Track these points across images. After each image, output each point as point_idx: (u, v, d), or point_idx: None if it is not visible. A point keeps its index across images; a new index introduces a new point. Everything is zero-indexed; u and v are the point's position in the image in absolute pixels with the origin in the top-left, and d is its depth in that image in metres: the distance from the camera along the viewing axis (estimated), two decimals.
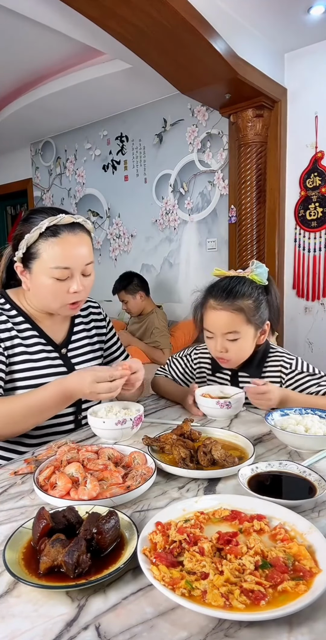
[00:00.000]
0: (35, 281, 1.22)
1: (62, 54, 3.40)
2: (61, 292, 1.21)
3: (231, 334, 1.36)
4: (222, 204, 3.85)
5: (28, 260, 1.21)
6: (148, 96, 4.04)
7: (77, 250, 1.20)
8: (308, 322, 3.54)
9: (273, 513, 0.78)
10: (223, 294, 1.37)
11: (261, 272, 1.43)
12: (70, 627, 0.58)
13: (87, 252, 1.23)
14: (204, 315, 1.43)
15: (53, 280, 1.19)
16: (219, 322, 1.37)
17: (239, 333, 1.36)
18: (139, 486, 0.88)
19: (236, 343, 1.37)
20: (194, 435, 1.12)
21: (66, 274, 1.19)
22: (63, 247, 1.18)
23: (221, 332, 1.37)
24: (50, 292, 1.21)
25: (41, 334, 1.31)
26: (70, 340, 1.38)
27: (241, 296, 1.36)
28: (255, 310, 1.37)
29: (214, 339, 1.40)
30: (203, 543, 0.69)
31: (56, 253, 1.18)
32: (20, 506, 0.88)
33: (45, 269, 1.19)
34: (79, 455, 1.01)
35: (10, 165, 5.62)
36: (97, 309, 1.51)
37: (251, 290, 1.38)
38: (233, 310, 1.35)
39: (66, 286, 1.21)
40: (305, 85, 3.34)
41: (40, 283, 1.21)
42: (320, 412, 1.19)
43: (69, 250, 1.19)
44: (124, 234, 4.61)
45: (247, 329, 1.37)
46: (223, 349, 1.38)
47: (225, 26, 2.70)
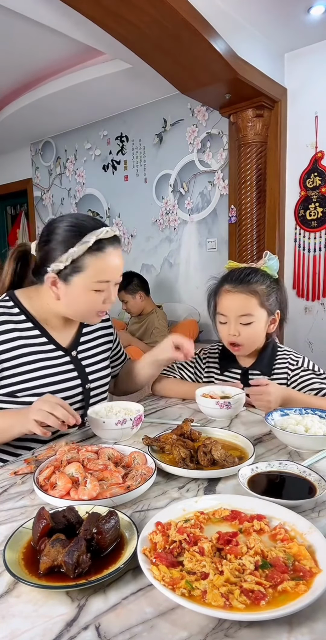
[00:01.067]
0: (74, 292, 1.22)
1: (62, 54, 3.40)
2: (97, 303, 1.24)
3: (244, 316, 1.41)
4: (222, 204, 3.85)
5: (69, 273, 1.20)
6: (148, 96, 4.04)
7: (118, 263, 1.24)
8: (308, 322, 3.54)
9: (273, 513, 0.78)
10: (237, 279, 1.43)
11: (272, 264, 1.48)
12: (70, 627, 0.58)
13: (122, 264, 1.27)
14: (218, 300, 1.48)
15: (92, 293, 1.22)
16: (234, 305, 1.42)
17: (253, 316, 1.41)
18: (139, 486, 0.88)
19: (249, 327, 1.41)
20: (194, 435, 1.12)
21: (104, 286, 1.23)
22: (108, 262, 1.21)
23: (235, 315, 1.42)
24: (87, 303, 1.23)
25: (49, 339, 1.30)
26: (79, 342, 1.38)
27: (255, 282, 1.42)
28: (268, 296, 1.43)
29: (227, 324, 1.44)
30: (203, 543, 0.69)
31: (101, 268, 1.20)
32: (20, 506, 0.88)
33: (88, 282, 1.20)
34: (79, 455, 1.01)
35: (10, 165, 5.62)
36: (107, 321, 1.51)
37: (264, 278, 1.44)
38: (247, 293, 1.41)
39: (102, 297, 1.24)
40: (305, 85, 3.34)
41: (79, 295, 1.22)
42: (320, 412, 1.19)
43: (112, 264, 1.22)
44: (124, 234, 4.61)
45: (260, 313, 1.42)
46: (236, 332, 1.42)
47: (225, 26, 2.70)
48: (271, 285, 1.45)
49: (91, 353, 1.40)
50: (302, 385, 1.43)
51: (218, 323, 1.49)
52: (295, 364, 1.47)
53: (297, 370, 1.46)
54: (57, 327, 1.33)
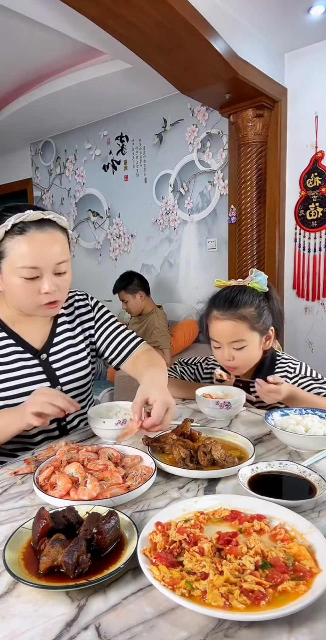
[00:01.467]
0: (6, 281, 1.16)
1: (62, 54, 3.40)
2: (32, 293, 1.15)
3: (236, 342, 1.40)
4: (222, 204, 3.85)
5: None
6: (148, 96, 4.04)
7: (46, 248, 1.13)
8: (308, 322, 3.54)
9: (273, 513, 0.78)
10: (225, 304, 1.41)
11: (260, 280, 1.46)
12: (70, 627, 0.58)
13: (59, 250, 1.16)
14: (209, 325, 1.47)
15: (22, 280, 1.13)
16: (224, 332, 1.41)
17: (244, 341, 1.40)
18: (139, 486, 0.88)
19: (242, 351, 1.41)
20: (194, 435, 1.12)
21: (34, 273, 1.13)
22: (30, 245, 1.12)
23: (227, 341, 1.41)
24: (21, 292, 1.16)
25: (18, 341, 1.26)
26: (52, 343, 1.31)
27: (243, 304, 1.40)
28: (258, 317, 1.41)
29: (221, 348, 1.44)
30: (203, 543, 0.69)
31: (22, 252, 1.11)
32: (20, 506, 0.88)
33: (13, 268, 1.13)
34: (79, 455, 1.01)
35: (10, 165, 5.62)
36: (84, 300, 1.42)
37: (253, 298, 1.42)
38: (236, 319, 1.39)
39: (37, 286, 1.15)
40: (305, 85, 3.34)
41: (11, 283, 1.15)
42: (320, 412, 1.19)
43: (36, 248, 1.12)
44: (124, 234, 4.61)
45: (252, 336, 1.41)
46: (230, 357, 1.42)
47: (225, 26, 2.70)
48: (261, 303, 1.42)
49: (65, 353, 1.32)
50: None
51: (213, 347, 1.49)
52: (293, 371, 1.47)
53: (295, 377, 1.46)
54: (27, 327, 1.28)
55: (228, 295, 1.43)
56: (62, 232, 1.19)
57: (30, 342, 1.28)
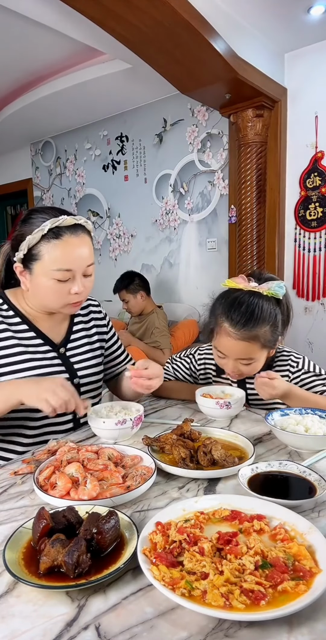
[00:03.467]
0: (36, 282, 1.21)
1: (62, 54, 3.40)
2: (63, 293, 1.21)
3: (244, 359, 1.34)
4: (222, 204, 3.85)
5: (29, 261, 1.20)
6: (148, 96, 4.04)
7: (79, 252, 1.20)
8: (308, 322, 3.54)
9: (273, 513, 0.78)
10: (240, 321, 1.29)
11: (279, 291, 1.35)
12: (70, 627, 0.58)
13: (89, 254, 1.23)
14: (217, 335, 1.37)
15: (54, 282, 1.19)
16: (234, 350, 1.33)
17: (253, 359, 1.34)
18: (139, 486, 0.88)
19: (249, 366, 1.35)
20: (194, 435, 1.12)
21: (67, 275, 1.19)
22: (65, 249, 1.18)
23: (235, 357, 1.35)
24: (51, 293, 1.21)
25: (39, 334, 1.31)
26: (69, 339, 1.38)
27: (260, 322, 1.29)
28: (271, 335, 1.33)
29: (226, 359, 1.37)
30: (203, 543, 0.69)
31: (58, 255, 1.17)
32: (20, 506, 0.88)
33: (47, 270, 1.18)
34: (79, 455, 1.01)
35: (10, 165, 5.62)
36: (97, 307, 1.51)
37: (270, 312, 1.32)
38: (249, 340, 1.30)
39: (67, 287, 1.21)
40: (305, 85, 3.34)
41: (41, 284, 1.20)
42: (320, 412, 1.19)
43: (71, 252, 1.19)
44: (124, 234, 4.61)
45: (261, 353, 1.35)
46: (236, 369, 1.36)
47: (225, 26, 2.70)
48: (276, 317, 1.33)
49: (82, 350, 1.39)
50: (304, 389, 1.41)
51: (216, 355, 1.41)
52: (296, 365, 1.44)
53: (298, 372, 1.44)
54: (47, 323, 1.33)
55: (245, 310, 1.30)
56: (89, 236, 1.25)
57: (49, 336, 1.33)
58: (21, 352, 1.26)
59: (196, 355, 1.59)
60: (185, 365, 1.61)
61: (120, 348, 1.55)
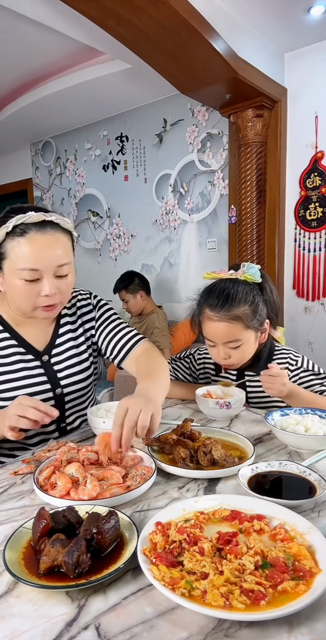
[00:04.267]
0: (8, 282, 1.16)
1: (62, 54, 3.40)
2: (32, 295, 1.14)
3: (231, 342, 1.36)
4: (222, 204, 3.85)
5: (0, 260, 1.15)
6: (148, 96, 4.04)
7: (47, 250, 1.12)
8: (308, 322, 3.54)
9: (273, 513, 0.78)
10: (218, 304, 1.34)
11: (253, 273, 1.41)
12: (70, 627, 0.58)
13: (61, 253, 1.15)
14: (202, 324, 1.41)
15: (23, 282, 1.12)
16: (218, 333, 1.36)
17: (240, 340, 1.36)
18: (139, 486, 0.88)
19: (238, 350, 1.37)
20: (194, 435, 1.12)
21: (35, 275, 1.12)
22: (30, 247, 1.10)
23: (222, 342, 1.37)
24: (21, 294, 1.14)
25: (20, 342, 1.25)
26: (54, 344, 1.30)
27: (237, 303, 1.34)
28: (252, 315, 1.36)
29: (216, 347, 1.40)
30: (203, 543, 0.69)
31: (23, 253, 1.10)
32: (20, 506, 0.88)
33: (14, 270, 1.12)
34: (79, 455, 1.01)
35: (10, 165, 5.62)
36: (86, 300, 1.40)
37: (246, 293, 1.36)
38: (230, 320, 1.34)
39: (37, 288, 1.13)
40: (305, 85, 3.34)
41: (12, 284, 1.14)
42: (320, 412, 1.19)
43: (36, 250, 1.11)
44: (124, 234, 4.61)
45: (247, 334, 1.37)
46: (226, 355, 1.38)
47: (225, 26, 2.70)
48: (255, 298, 1.37)
49: (67, 355, 1.32)
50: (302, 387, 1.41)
51: (207, 345, 1.44)
52: (295, 363, 1.44)
53: (297, 370, 1.44)
54: (30, 329, 1.27)
55: (220, 292, 1.36)
56: (65, 234, 1.18)
57: (32, 343, 1.27)
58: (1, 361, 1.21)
59: (196, 355, 1.60)
60: (185, 366, 1.62)
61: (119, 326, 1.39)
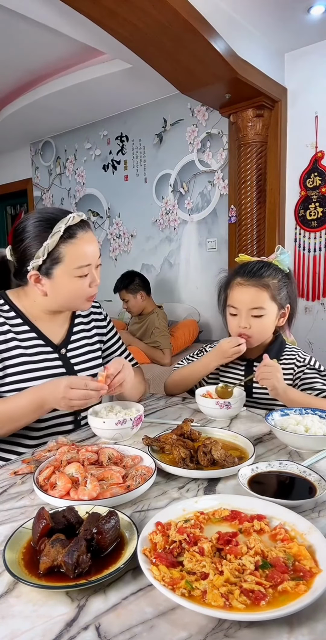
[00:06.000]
0: (59, 284, 1.24)
1: (62, 54, 3.40)
2: (84, 289, 1.26)
3: (256, 309, 1.43)
4: (222, 204, 3.85)
5: (49, 266, 1.22)
6: (148, 96, 4.04)
7: (92, 246, 1.26)
8: (308, 322, 3.54)
9: (273, 513, 0.78)
10: (251, 271, 1.45)
11: (284, 258, 1.51)
12: (70, 627, 0.58)
13: (97, 246, 1.29)
14: (230, 293, 1.49)
15: (77, 279, 1.24)
16: (246, 297, 1.44)
17: (264, 309, 1.43)
18: (139, 486, 0.88)
19: (259, 320, 1.44)
20: (194, 435, 1.12)
21: (87, 270, 1.24)
22: (82, 246, 1.23)
23: (247, 308, 1.44)
24: (74, 290, 1.25)
25: (40, 335, 1.32)
26: (69, 340, 1.39)
27: (268, 275, 1.44)
28: (279, 290, 1.45)
29: (238, 316, 1.46)
30: (203, 543, 0.69)
31: (78, 253, 1.22)
32: (20, 506, 0.88)
33: (69, 270, 1.22)
34: (79, 455, 1.01)
35: (10, 165, 5.62)
36: (98, 308, 1.53)
37: (276, 271, 1.47)
38: (259, 286, 1.43)
39: (87, 282, 1.26)
40: (305, 85, 3.34)
41: (64, 285, 1.24)
42: (320, 412, 1.19)
43: (87, 247, 1.24)
44: (124, 234, 4.61)
45: (271, 306, 1.45)
46: (247, 324, 1.44)
47: (225, 26, 2.70)
48: (283, 279, 1.47)
49: (82, 351, 1.40)
50: (304, 382, 1.44)
51: (228, 315, 1.50)
52: (302, 360, 1.49)
53: (302, 367, 1.48)
54: (48, 324, 1.34)
55: (253, 265, 1.47)
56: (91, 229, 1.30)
57: (50, 337, 1.34)
58: (21, 354, 1.27)
59: (207, 348, 1.66)
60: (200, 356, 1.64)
61: (120, 348, 1.55)
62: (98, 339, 1.48)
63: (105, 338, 1.52)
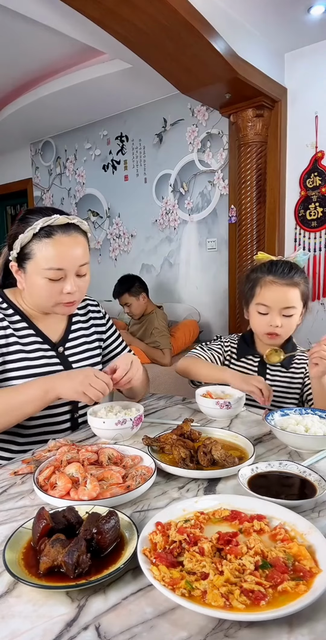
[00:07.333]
0: (30, 281, 1.22)
1: (62, 54, 3.40)
2: (55, 293, 1.21)
3: (288, 309, 1.45)
4: (222, 204, 3.85)
5: (22, 260, 1.21)
6: (148, 96, 4.04)
7: (71, 251, 1.20)
8: (308, 322, 3.51)
9: (273, 513, 0.78)
10: (284, 270, 1.46)
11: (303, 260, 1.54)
12: (70, 627, 0.58)
13: (82, 253, 1.23)
14: (259, 291, 1.49)
15: (46, 281, 1.20)
16: (279, 297, 1.45)
17: (295, 308, 1.46)
18: (139, 486, 0.88)
19: (289, 319, 1.47)
20: (194, 435, 1.12)
21: (59, 274, 1.19)
22: (57, 248, 1.18)
23: (279, 307, 1.45)
24: (43, 292, 1.22)
25: (38, 333, 1.32)
26: (67, 338, 1.39)
27: (299, 274, 1.47)
28: (306, 288, 1.50)
29: (269, 315, 1.47)
30: (203, 543, 0.69)
31: (49, 254, 1.18)
32: (20, 506, 0.88)
33: (38, 269, 1.19)
34: (79, 455, 1.01)
35: (10, 165, 5.61)
36: (96, 307, 1.52)
37: (302, 273, 1.50)
38: (292, 286, 1.45)
39: (60, 287, 1.21)
40: (305, 85, 3.34)
41: (34, 283, 1.21)
42: (320, 412, 1.19)
43: (62, 251, 1.19)
44: (124, 234, 4.61)
45: (300, 305, 1.49)
46: (279, 322, 1.46)
47: (225, 26, 2.70)
48: (306, 279, 1.51)
49: (80, 349, 1.40)
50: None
51: (256, 313, 1.50)
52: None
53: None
54: (45, 322, 1.34)
55: (284, 263, 1.49)
56: (84, 236, 1.26)
57: (48, 335, 1.34)
58: (18, 350, 1.27)
59: (223, 339, 1.69)
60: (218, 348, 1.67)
61: (121, 345, 1.55)
62: (97, 337, 1.48)
63: (104, 336, 1.51)
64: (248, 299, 1.54)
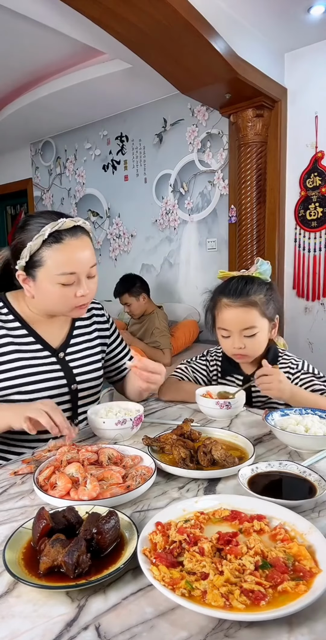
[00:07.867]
0: (41, 288, 1.20)
1: (62, 54, 3.40)
2: (69, 297, 1.21)
3: (248, 329, 1.39)
4: (222, 204, 3.85)
5: (32, 268, 1.19)
6: (148, 96, 4.04)
7: (81, 254, 1.20)
8: (308, 322, 3.54)
9: (273, 513, 0.78)
10: (236, 291, 1.40)
11: (265, 270, 1.45)
12: (70, 627, 0.58)
13: (90, 255, 1.23)
14: (218, 315, 1.45)
15: (59, 286, 1.18)
16: (235, 319, 1.40)
17: (256, 327, 1.39)
18: (139, 486, 0.88)
19: (253, 338, 1.40)
20: (194, 435, 1.12)
21: (72, 279, 1.19)
22: (67, 253, 1.17)
23: (239, 329, 1.40)
24: (57, 298, 1.20)
25: (38, 339, 1.30)
26: (69, 343, 1.36)
27: (254, 291, 1.40)
28: (267, 303, 1.41)
29: (230, 338, 1.42)
30: (203, 543, 0.69)
31: (61, 259, 1.17)
32: (20, 506, 0.88)
33: (51, 276, 1.17)
34: (79, 455, 1.01)
35: (10, 165, 5.62)
36: (100, 310, 1.50)
37: (260, 285, 1.42)
38: (247, 305, 1.38)
39: (73, 291, 1.20)
40: (305, 85, 3.34)
41: (46, 290, 1.20)
42: (320, 412, 1.19)
43: (73, 255, 1.18)
44: (124, 234, 4.61)
45: (262, 323, 1.41)
46: (241, 344, 1.41)
47: (225, 26, 2.70)
48: (268, 292, 1.43)
49: (82, 355, 1.38)
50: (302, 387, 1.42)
51: (220, 337, 1.46)
52: (295, 367, 1.47)
53: (297, 373, 1.46)
54: (46, 327, 1.32)
55: (237, 283, 1.42)
56: (88, 236, 1.25)
57: (48, 341, 1.32)
58: (19, 358, 1.25)
59: (209, 356, 1.63)
60: (202, 367, 1.62)
61: (124, 349, 1.54)
62: (100, 342, 1.46)
63: (108, 341, 1.49)
64: (212, 322, 1.51)
